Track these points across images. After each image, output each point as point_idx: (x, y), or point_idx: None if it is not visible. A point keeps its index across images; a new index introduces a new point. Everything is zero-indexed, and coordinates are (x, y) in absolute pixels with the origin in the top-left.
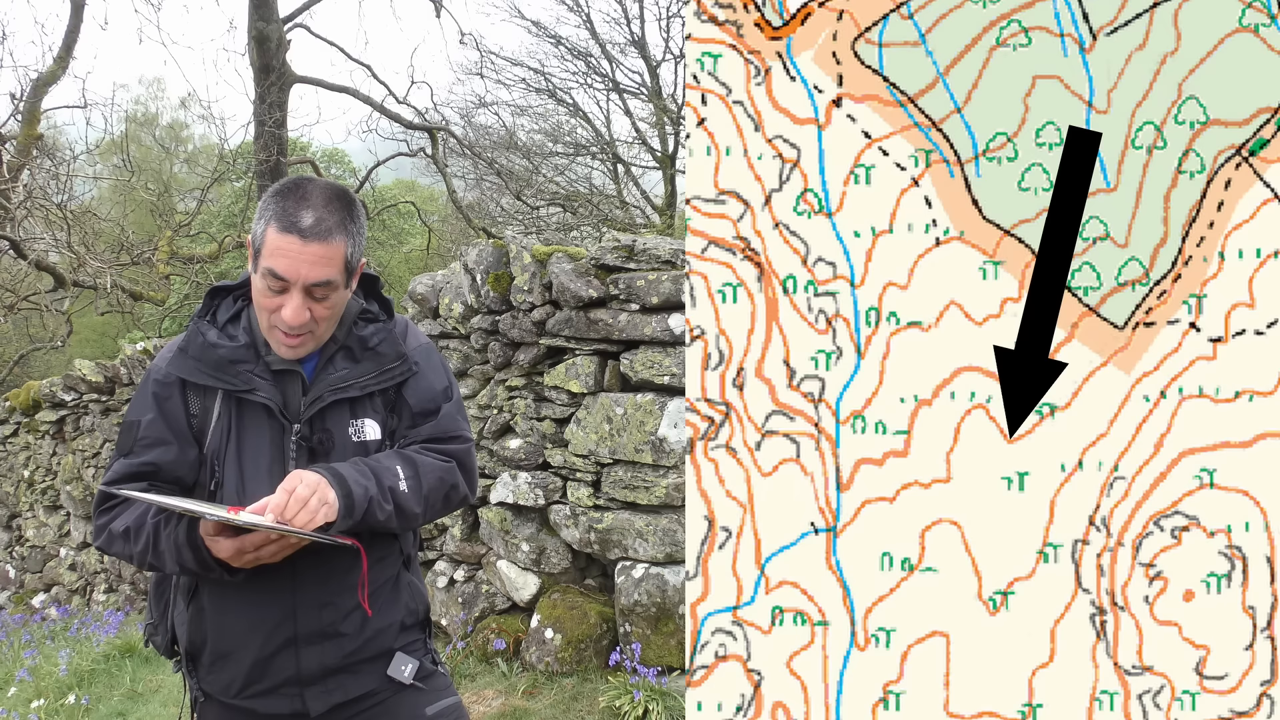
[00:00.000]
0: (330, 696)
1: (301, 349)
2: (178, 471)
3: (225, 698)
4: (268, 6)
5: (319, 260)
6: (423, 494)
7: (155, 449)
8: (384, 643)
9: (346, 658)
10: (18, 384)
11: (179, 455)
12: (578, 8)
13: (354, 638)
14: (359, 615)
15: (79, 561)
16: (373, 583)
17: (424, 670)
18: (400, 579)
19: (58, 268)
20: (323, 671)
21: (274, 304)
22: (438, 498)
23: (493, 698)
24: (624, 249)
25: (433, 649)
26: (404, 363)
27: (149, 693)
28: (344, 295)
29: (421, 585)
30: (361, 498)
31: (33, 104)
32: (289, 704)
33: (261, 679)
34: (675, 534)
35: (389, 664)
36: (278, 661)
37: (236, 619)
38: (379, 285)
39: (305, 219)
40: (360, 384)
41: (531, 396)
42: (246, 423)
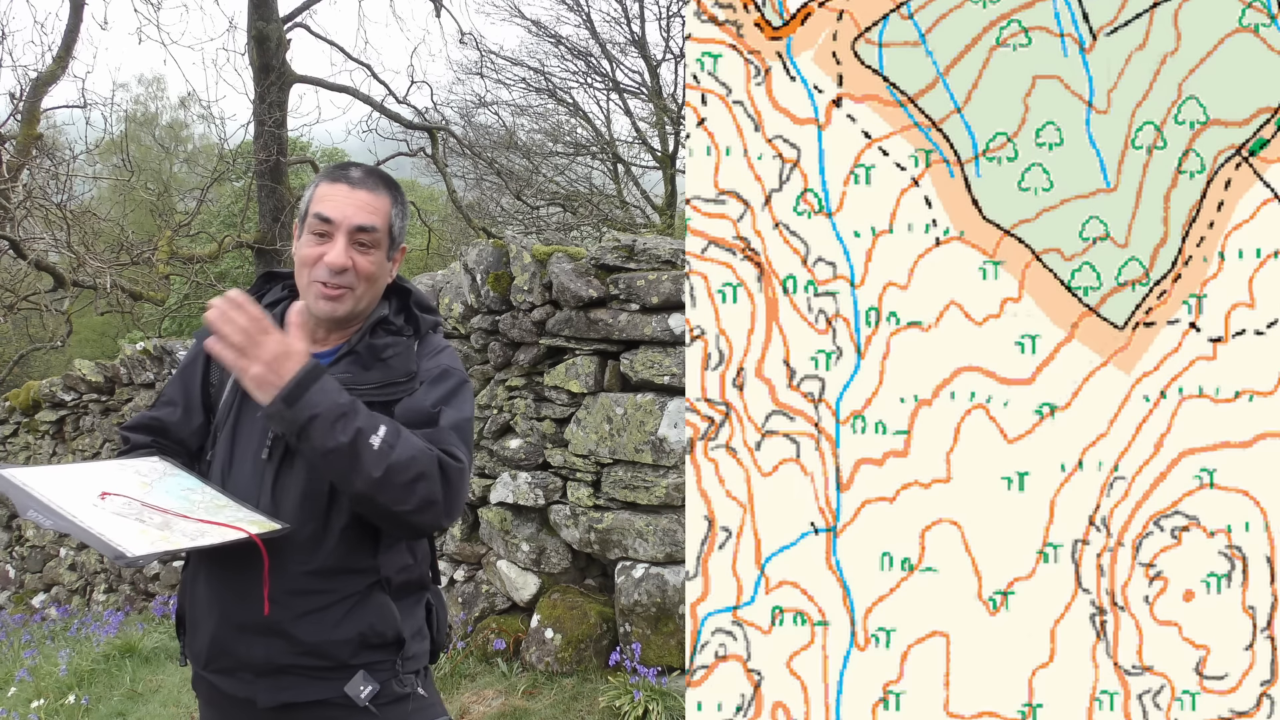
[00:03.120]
0: (280, 694)
1: (340, 305)
2: (180, 434)
3: (197, 667)
4: (268, 6)
5: (365, 205)
6: (388, 461)
7: (166, 408)
8: (338, 655)
9: (296, 657)
10: (18, 384)
11: (183, 419)
12: (578, 7)
13: (301, 640)
14: (312, 621)
15: (79, 561)
16: (333, 591)
17: (387, 694)
18: (371, 598)
19: (57, 268)
20: (269, 665)
21: (318, 252)
22: (402, 476)
23: (493, 698)
24: (624, 249)
25: (406, 672)
26: (411, 381)
27: (149, 693)
28: (385, 264)
29: (410, 609)
30: (314, 401)
31: (32, 104)
32: (243, 689)
33: (220, 656)
34: (675, 534)
35: (348, 680)
36: (231, 643)
37: (205, 591)
38: (412, 299)
39: (354, 173)
40: (360, 390)
41: (531, 396)
42: (248, 405)
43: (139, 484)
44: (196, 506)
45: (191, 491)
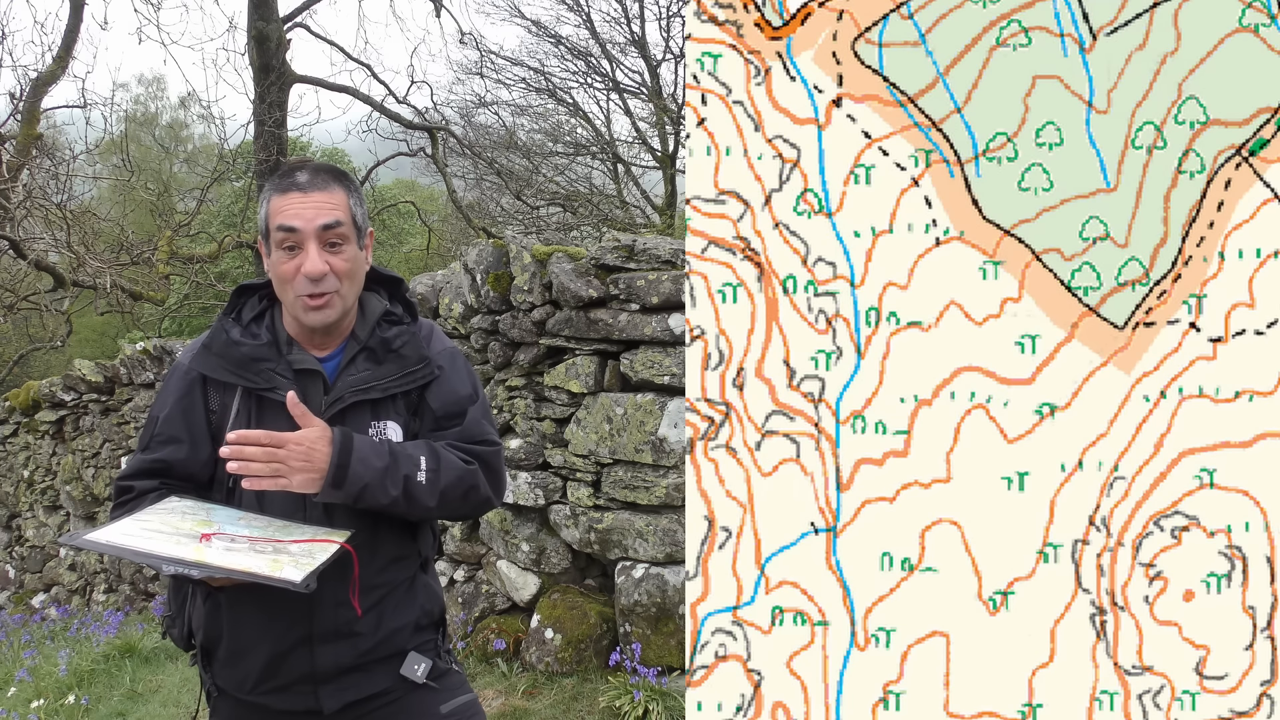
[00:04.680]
0: (344, 695)
1: (330, 312)
2: (189, 469)
3: (239, 693)
4: (268, 6)
5: (324, 204)
6: (439, 488)
7: (168, 446)
8: (398, 643)
9: (360, 656)
10: (17, 384)
11: (191, 454)
12: (578, 7)
13: (368, 637)
14: (374, 615)
15: (79, 561)
16: (389, 583)
17: (437, 669)
18: (417, 580)
19: (57, 268)
20: (337, 670)
21: (293, 266)
22: (455, 495)
23: (493, 698)
24: (624, 249)
25: (446, 648)
26: (427, 365)
27: (149, 693)
28: (359, 255)
29: (437, 586)
30: (359, 475)
31: (32, 104)
32: (303, 701)
33: (276, 675)
34: (675, 534)
35: (402, 663)
36: (292, 659)
37: (252, 615)
38: (403, 288)
39: (300, 177)
40: (382, 385)
41: (531, 396)
42: (266, 421)
43: (202, 523)
44: (268, 530)
45: (247, 519)
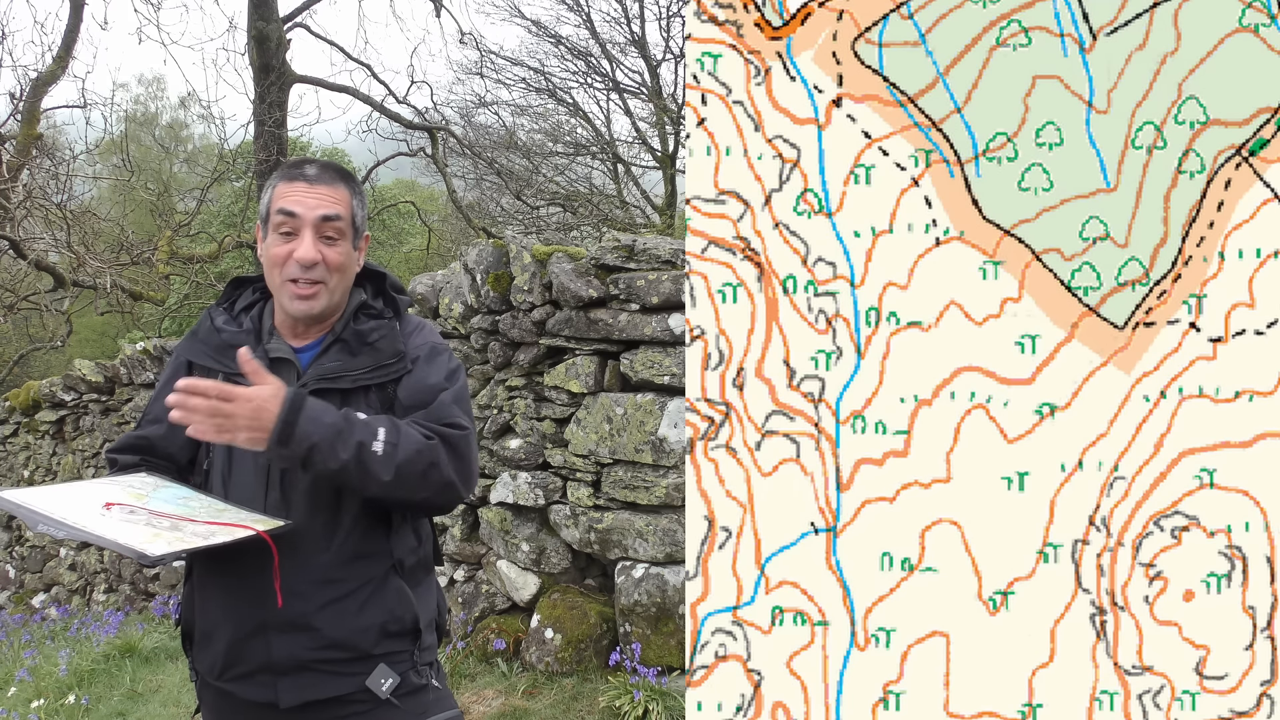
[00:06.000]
0: (303, 692)
1: (315, 304)
2: (169, 449)
3: (210, 679)
4: (268, 6)
5: (326, 198)
6: (396, 461)
7: (151, 425)
8: (362, 645)
9: (319, 651)
10: (18, 384)
11: (170, 433)
12: (578, 7)
13: (325, 633)
14: (333, 611)
15: (79, 561)
16: (351, 579)
17: (408, 685)
18: (388, 583)
19: (57, 268)
20: (294, 663)
21: (286, 250)
22: (413, 471)
23: (493, 698)
24: (624, 249)
25: (426, 662)
26: (401, 360)
27: (149, 693)
28: (352, 254)
29: (418, 594)
30: (307, 432)
31: (32, 104)
32: (263, 693)
33: (237, 663)
34: (675, 534)
35: (370, 672)
36: (251, 646)
37: (217, 597)
38: (387, 282)
39: (309, 169)
40: (353, 376)
41: (531, 396)
42: None
43: (135, 495)
44: (198, 511)
45: (188, 499)
